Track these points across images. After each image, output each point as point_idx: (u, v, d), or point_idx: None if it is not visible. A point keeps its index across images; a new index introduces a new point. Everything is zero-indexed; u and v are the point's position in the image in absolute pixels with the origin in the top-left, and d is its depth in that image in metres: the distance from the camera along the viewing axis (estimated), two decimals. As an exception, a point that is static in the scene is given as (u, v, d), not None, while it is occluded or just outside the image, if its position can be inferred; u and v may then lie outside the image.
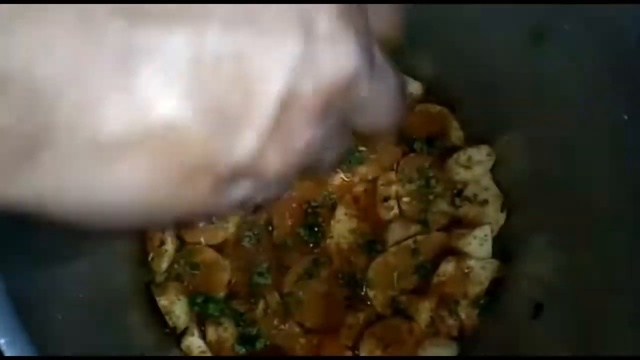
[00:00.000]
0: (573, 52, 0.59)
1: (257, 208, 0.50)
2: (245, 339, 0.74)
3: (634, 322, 0.51)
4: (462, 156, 0.78)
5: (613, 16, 0.53)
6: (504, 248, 0.75)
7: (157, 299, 0.74)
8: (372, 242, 0.78)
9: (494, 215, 0.77)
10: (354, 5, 0.26)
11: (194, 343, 0.73)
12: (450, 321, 0.74)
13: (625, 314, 0.52)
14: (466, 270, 0.75)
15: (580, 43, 0.57)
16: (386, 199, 0.79)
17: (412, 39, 0.77)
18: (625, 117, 0.53)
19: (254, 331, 0.75)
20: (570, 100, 0.61)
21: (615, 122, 0.54)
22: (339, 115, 0.27)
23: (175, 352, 0.73)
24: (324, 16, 0.24)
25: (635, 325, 0.51)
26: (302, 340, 0.75)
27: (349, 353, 0.74)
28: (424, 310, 0.74)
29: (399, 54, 0.78)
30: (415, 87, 0.82)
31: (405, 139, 0.81)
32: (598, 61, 0.56)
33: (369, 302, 0.76)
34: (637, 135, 0.52)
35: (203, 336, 0.74)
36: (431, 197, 0.79)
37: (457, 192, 0.79)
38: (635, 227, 0.54)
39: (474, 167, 0.78)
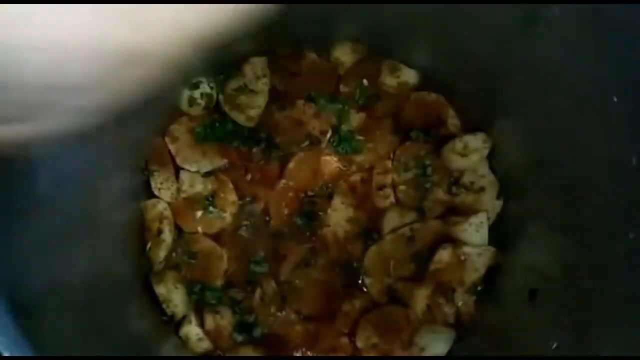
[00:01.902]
0: (563, 37, 0.59)
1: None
2: (242, 327, 0.75)
3: (623, 304, 0.51)
4: (458, 144, 0.78)
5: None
6: (500, 235, 0.75)
7: (155, 287, 0.74)
8: (368, 231, 0.78)
9: (490, 203, 0.77)
10: None
11: (192, 331, 0.74)
12: (447, 308, 0.74)
13: (615, 297, 0.52)
14: (462, 258, 0.75)
15: (570, 27, 0.57)
16: (382, 187, 0.79)
17: (408, 28, 0.78)
18: (615, 99, 0.53)
19: (251, 319, 0.75)
20: (562, 85, 0.61)
21: (605, 105, 0.54)
22: None
23: (173, 340, 0.74)
24: None
25: (625, 308, 0.51)
26: (299, 328, 0.75)
27: (345, 340, 0.75)
28: (420, 298, 0.75)
29: (395, 43, 0.78)
30: (411, 76, 0.82)
31: (401, 128, 0.81)
32: (587, 45, 0.55)
33: (365, 290, 0.77)
34: (625, 117, 0.52)
35: (201, 324, 0.75)
36: (428, 185, 0.79)
37: (454, 180, 0.79)
38: (625, 211, 0.54)
39: (471, 154, 0.78)
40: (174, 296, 0.75)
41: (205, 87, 0.80)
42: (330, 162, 0.81)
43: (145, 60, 0.32)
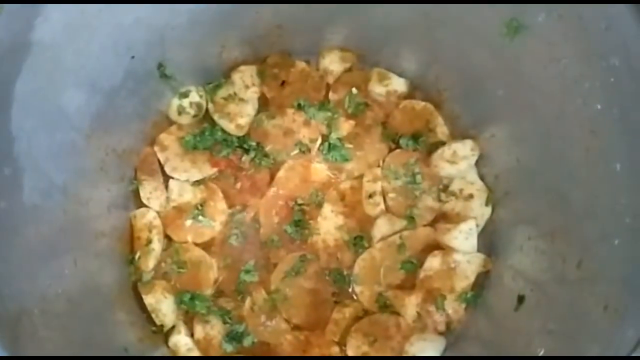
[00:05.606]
0: (547, 45, 0.59)
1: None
2: (232, 336, 0.75)
3: (608, 309, 0.51)
4: (446, 151, 0.79)
5: (583, 7, 0.53)
6: (488, 241, 0.75)
7: (144, 297, 0.74)
8: (358, 238, 0.78)
9: (479, 210, 0.77)
10: None
11: (181, 341, 0.74)
12: (437, 316, 0.74)
13: (600, 301, 0.52)
14: (452, 265, 0.75)
15: (554, 35, 0.58)
16: (372, 195, 0.79)
17: (397, 37, 0.78)
18: (599, 106, 0.53)
19: (241, 328, 0.75)
20: (547, 93, 0.61)
21: (589, 112, 0.54)
22: None
23: (162, 350, 0.74)
24: None
25: (609, 312, 0.51)
26: (289, 337, 0.75)
27: (336, 349, 0.75)
28: (411, 306, 0.74)
29: (383, 51, 0.78)
30: (400, 84, 0.82)
31: (391, 136, 0.81)
32: (571, 53, 0.56)
33: (355, 298, 0.77)
34: (609, 124, 0.52)
35: (190, 334, 0.75)
36: (417, 192, 0.79)
37: (443, 187, 0.79)
38: (611, 217, 0.54)
39: (459, 162, 0.78)
40: (163, 306, 0.74)
41: (194, 96, 0.81)
42: (320, 170, 0.81)
43: None
